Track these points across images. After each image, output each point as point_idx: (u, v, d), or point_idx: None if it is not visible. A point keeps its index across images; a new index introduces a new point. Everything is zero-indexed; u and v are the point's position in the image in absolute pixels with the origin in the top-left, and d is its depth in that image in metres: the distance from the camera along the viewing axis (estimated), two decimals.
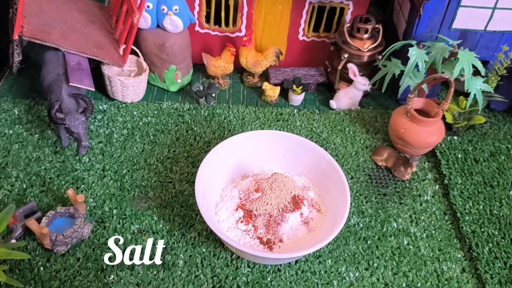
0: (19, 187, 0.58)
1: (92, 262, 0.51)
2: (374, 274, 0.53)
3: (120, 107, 0.71)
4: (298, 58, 0.80)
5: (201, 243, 0.54)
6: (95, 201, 0.58)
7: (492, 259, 0.54)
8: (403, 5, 0.73)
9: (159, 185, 0.60)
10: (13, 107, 0.69)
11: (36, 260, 0.51)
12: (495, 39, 0.69)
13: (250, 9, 0.73)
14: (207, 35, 0.77)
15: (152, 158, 0.64)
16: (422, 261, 0.54)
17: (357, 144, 0.68)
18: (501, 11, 0.65)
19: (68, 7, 0.73)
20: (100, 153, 0.64)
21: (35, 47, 0.78)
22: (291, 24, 0.75)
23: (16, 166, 0.61)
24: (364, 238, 0.56)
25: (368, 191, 0.62)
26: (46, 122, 0.67)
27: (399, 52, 0.69)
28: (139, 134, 0.67)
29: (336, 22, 0.75)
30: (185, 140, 0.67)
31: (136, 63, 0.74)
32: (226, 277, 0.51)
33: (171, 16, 0.68)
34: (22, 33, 0.63)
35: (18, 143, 0.64)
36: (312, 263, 0.53)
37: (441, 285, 0.52)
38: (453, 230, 0.58)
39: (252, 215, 0.53)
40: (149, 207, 0.57)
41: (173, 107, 0.72)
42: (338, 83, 0.76)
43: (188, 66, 0.76)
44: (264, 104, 0.75)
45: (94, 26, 0.73)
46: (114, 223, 0.55)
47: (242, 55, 0.74)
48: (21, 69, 0.73)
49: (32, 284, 0.49)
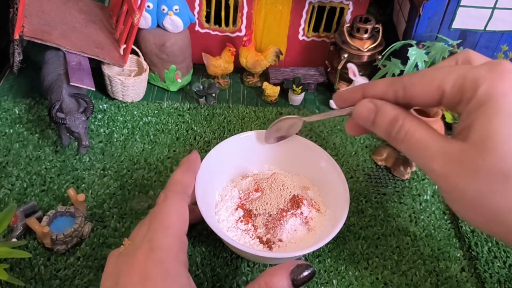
0: (19, 186, 0.58)
1: (92, 261, 0.51)
2: (374, 273, 0.53)
3: (120, 106, 0.71)
4: (298, 58, 0.80)
5: (201, 243, 0.54)
6: (96, 201, 0.58)
7: (491, 258, 0.55)
8: (403, 5, 0.73)
9: (159, 185, 0.61)
10: (14, 107, 0.69)
11: (36, 259, 0.51)
12: (494, 39, 0.69)
13: (250, 9, 0.73)
14: (207, 35, 0.77)
15: (152, 157, 0.64)
16: (421, 260, 0.54)
17: (357, 143, 0.69)
18: (500, 11, 0.66)
19: (68, 7, 0.73)
20: (101, 152, 0.64)
21: (36, 47, 0.78)
22: (291, 24, 0.75)
23: (17, 165, 0.61)
24: (364, 237, 0.56)
25: (367, 190, 0.62)
26: (47, 121, 0.67)
27: (399, 52, 0.69)
28: (139, 133, 0.67)
29: (336, 22, 0.75)
30: (185, 140, 0.67)
31: (137, 62, 0.74)
32: (226, 276, 0.51)
33: (171, 16, 0.68)
34: (23, 33, 0.63)
35: (18, 143, 0.64)
36: (312, 262, 0.53)
37: (440, 284, 0.52)
38: (452, 229, 0.58)
39: (252, 215, 0.53)
40: (149, 207, 0.58)
41: (173, 106, 0.72)
42: (338, 83, 0.76)
43: (188, 66, 0.76)
44: (264, 103, 0.75)
45: (95, 26, 0.73)
46: (114, 222, 0.55)
47: (242, 55, 0.74)
48: (22, 68, 0.74)
49: (32, 283, 0.49)
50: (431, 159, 0.31)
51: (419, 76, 0.33)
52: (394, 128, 0.34)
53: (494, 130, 0.27)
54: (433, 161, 0.31)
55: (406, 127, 0.33)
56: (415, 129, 0.33)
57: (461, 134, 0.30)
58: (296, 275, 0.38)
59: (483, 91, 0.28)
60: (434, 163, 0.31)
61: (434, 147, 0.31)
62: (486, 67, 0.29)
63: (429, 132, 0.32)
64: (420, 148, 0.32)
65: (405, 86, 0.33)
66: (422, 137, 0.32)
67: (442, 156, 0.30)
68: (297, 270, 0.39)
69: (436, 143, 0.31)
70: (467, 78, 0.29)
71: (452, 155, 0.29)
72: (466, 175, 0.29)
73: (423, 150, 0.32)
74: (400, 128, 0.34)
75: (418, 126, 0.33)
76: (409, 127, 0.33)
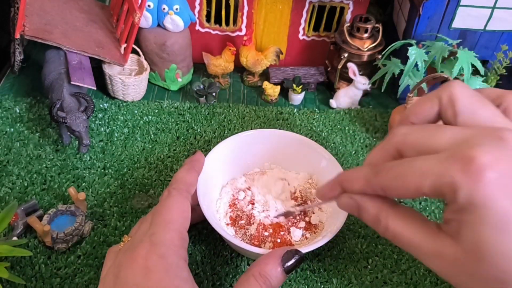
0: (20, 185, 0.59)
1: (93, 259, 0.52)
2: (373, 272, 0.53)
3: (121, 106, 0.71)
4: (298, 57, 0.80)
5: (201, 241, 0.54)
6: (96, 199, 0.58)
7: None
8: (403, 4, 0.73)
9: (159, 184, 0.61)
10: (14, 106, 0.69)
11: (37, 257, 0.51)
12: (494, 39, 0.69)
13: (251, 9, 0.73)
14: (208, 34, 0.77)
15: (153, 156, 0.64)
16: None
17: (357, 143, 0.69)
18: (500, 10, 0.66)
19: (69, 6, 0.73)
20: (101, 151, 0.64)
21: (36, 46, 0.78)
22: (291, 24, 0.75)
23: (17, 164, 0.61)
24: (363, 236, 0.56)
25: None
26: (47, 120, 0.67)
27: (399, 52, 0.69)
28: (140, 133, 0.67)
29: (336, 22, 0.76)
30: (185, 139, 0.67)
31: (137, 62, 0.74)
32: (226, 275, 0.51)
33: (172, 16, 0.68)
34: (24, 32, 0.63)
35: (19, 141, 0.64)
36: (312, 261, 0.53)
37: (440, 282, 0.52)
38: None
39: (252, 216, 0.53)
40: (149, 206, 0.58)
41: (174, 106, 0.72)
42: (338, 82, 0.76)
43: (188, 65, 0.76)
44: (264, 103, 0.75)
45: (95, 25, 0.73)
46: (115, 221, 0.55)
47: (243, 54, 0.74)
48: (23, 68, 0.74)
49: (33, 281, 0.49)
50: (427, 258, 0.31)
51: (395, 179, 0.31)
52: (380, 228, 0.34)
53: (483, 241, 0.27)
54: (429, 261, 0.31)
55: (391, 228, 0.32)
56: (401, 229, 0.32)
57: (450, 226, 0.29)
58: (287, 261, 0.41)
59: (462, 199, 0.27)
60: (430, 263, 0.31)
61: (426, 248, 0.31)
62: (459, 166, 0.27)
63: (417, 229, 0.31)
64: (412, 249, 0.32)
65: (384, 189, 0.32)
66: (411, 238, 0.31)
67: (437, 258, 0.30)
68: (287, 256, 0.41)
69: (427, 244, 0.31)
70: (443, 183, 0.28)
71: (447, 258, 0.30)
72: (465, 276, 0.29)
73: (415, 250, 0.32)
74: (386, 230, 0.33)
75: (404, 226, 0.32)
76: (394, 228, 0.32)
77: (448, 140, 0.29)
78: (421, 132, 0.32)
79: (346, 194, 0.35)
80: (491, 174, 0.26)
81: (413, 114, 0.35)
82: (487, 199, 0.26)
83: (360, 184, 0.34)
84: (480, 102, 0.32)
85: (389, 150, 0.33)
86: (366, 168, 0.33)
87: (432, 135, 0.31)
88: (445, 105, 0.33)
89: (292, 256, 0.41)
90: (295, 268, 0.42)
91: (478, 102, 0.32)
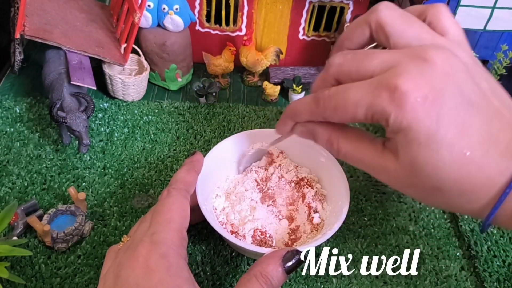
0: (20, 185, 0.59)
1: (93, 259, 0.52)
2: (373, 271, 0.53)
3: (121, 105, 0.71)
4: (298, 57, 0.80)
5: (201, 241, 0.54)
6: (96, 199, 0.58)
7: (490, 257, 0.55)
8: (403, 4, 0.74)
9: (159, 184, 0.61)
10: (15, 105, 0.69)
11: (37, 257, 0.51)
12: (494, 39, 0.69)
13: (251, 9, 0.73)
14: (208, 34, 0.77)
15: (153, 156, 0.64)
16: (421, 259, 0.54)
17: None
18: (500, 10, 0.66)
19: (69, 6, 0.73)
20: (101, 151, 0.64)
21: (37, 46, 0.78)
22: (291, 24, 0.75)
23: (18, 164, 0.61)
24: (363, 236, 0.56)
25: (367, 189, 0.62)
26: (47, 120, 0.67)
27: None
28: (140, 132, 0.67)
29: (336, 22, 0.76)
30: (185, 139, 0.67)
31: (137, 62, 0.74)
32: (226, 275, 0.51)
33: (172, 15, 0.68)
34: (24, 32, 0.63)
35: (19, 141, 0.64)
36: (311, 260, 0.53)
37: (440, 282, 0.52)
38: (451, 228, 0.58)
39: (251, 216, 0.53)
40: (149, 205, 0.58)
41: (174, 105, 0.72)
42: None
43: (188, 65, 0.76)
44: (264, 103, 0.75)
45: (95, 25, 0.73)
46: (115, 221, 0.55)
47: (243, 54, 0.74)
48: (23, 67, 0.74)
49: (33, 281, 0.49)
50: (376, 173, 0.36)
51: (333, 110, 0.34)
52: (333, 150, 0.38)
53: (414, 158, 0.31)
54: (378, 175, 0.36)
55: (343, 150, 0.37)
56: (352, 149, 0.36)
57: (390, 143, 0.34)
58: (288, 261, 0.41)
59: (393, 124, 0.31)
60: (379, 177, 0.36)
61: (374, 164, 0.35)
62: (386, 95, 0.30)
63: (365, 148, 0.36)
64: (363, 166, 0.36)
65: (325, 118, 0.36)
66: (362, 157, 0.36)
67: (384, 172, 0.35)
68: (288, 256, 0.42)
69: (374, 161, 0.35)
70: (374, 112, 0.31)
71: (391, 173, 0.34)
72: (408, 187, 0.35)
73: (365, 167, 0.36)
74: (338, 151, 0.37)
75: (353, 146, 0.36)
76: (345, 149, 0.37)
77: (377, 66, 0.32)
78: (353, 60, 0.34)
79: (299, 124, 0.39)
80: (413, 100, 0.30)
81: (347, 40, 0.38)
82: (412, 122, 0.30)
83: (306, 115, 0.38)
84: (408, 21, 0.34)
85: (328, 80, 0.36)
86: (309, 98, 0.37)
87: (362, 62, 0.33)
88: (375, 29, 0.36)
89: (293, 256, 0.42)
90: (295, 268, 0.42)
91: (406, 21, 0.34)
